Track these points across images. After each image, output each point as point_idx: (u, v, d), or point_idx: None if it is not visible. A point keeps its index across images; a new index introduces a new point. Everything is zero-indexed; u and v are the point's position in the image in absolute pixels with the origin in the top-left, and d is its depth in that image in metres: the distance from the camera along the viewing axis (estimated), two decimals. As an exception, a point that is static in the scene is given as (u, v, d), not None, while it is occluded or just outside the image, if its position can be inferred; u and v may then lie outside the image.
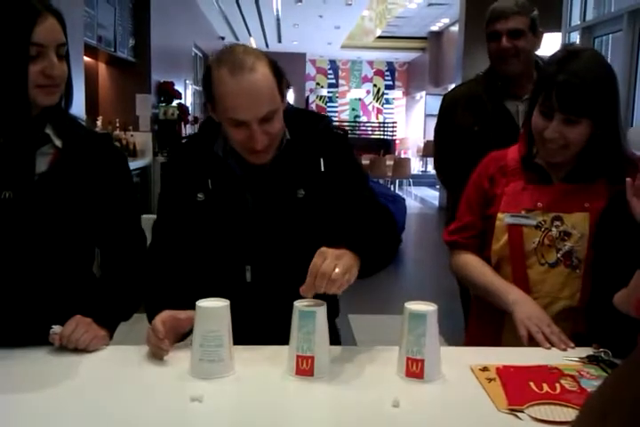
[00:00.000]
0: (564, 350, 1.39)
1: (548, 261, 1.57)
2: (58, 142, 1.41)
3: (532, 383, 1.17)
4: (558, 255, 1.56)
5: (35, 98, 1.32)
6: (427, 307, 1.24)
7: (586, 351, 1.36)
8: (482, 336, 1.68)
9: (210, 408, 1.09)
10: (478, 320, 1.74)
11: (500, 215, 1.60)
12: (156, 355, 1.28)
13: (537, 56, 2.38)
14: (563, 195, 1.57)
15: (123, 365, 1.29)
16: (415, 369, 1.20)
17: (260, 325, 1.31)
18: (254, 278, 1.46)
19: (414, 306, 1.24)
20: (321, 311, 1.22)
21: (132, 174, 1.59)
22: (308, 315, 1.21)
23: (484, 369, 1.25)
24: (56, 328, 1.32)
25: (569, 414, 1.06)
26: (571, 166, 1.58)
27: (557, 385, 1.16)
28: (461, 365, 1.29)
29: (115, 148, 1.56)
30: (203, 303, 1.22)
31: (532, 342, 1.43)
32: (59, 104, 1.41)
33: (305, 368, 1.21)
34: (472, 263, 1.66)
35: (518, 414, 1.06)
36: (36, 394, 1.14)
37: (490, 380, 1.20)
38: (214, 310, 1.21)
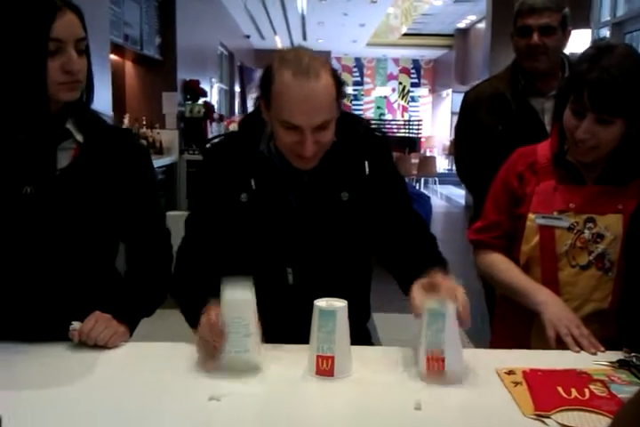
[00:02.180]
0: (594, 353, 1.34)
1: (580, 263, 1.52)
2: (79, 137, 1.40)
3: (559, 388, 1.13)
4: (590, 258, 1.52)
5: (56, 95, 1.31)
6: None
7: (616, 356, 1.31)
8: (508, 338, 1.64)
9: (228, 408, 1.07)
10: (504, 321, 1.70)
11: (530, 216, 1.56)
12: (210, 355, 1.21)
13: (563, 54, 2.31)
14: (595, 196, 1.53)
15: (141, 362, 1.28)
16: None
17: (301, 327, 1.28)
18: (296, 281, 1.43)
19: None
20: (341, 311, 1.19)
21: (154, 170, 1.57)
22: (329, 314, 1.18)
23: (510, 373, 1.21)
24: (75, 324, 1.31)
25: (598, 421, 1.02)
26: (603, 166, 1.54)
27: (586, 390, 1.12)
28: (487, 367, 1.25)
29: (137, 142, 1.54)
30: (228, 292, 1.19)
31: (561, 344, 1.39)
32: (80, 99, 1.40)
33: (325, 368, 1.18)
34: (499, 263, 1.62)
35: (545, 420, 1.03)
36: (53, 390, 1.14)
37: (516, 384, 1.16)
38: (240, 299, 1.19)
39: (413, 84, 18.16)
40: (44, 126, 1.34)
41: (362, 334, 1.60)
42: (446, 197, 11.30)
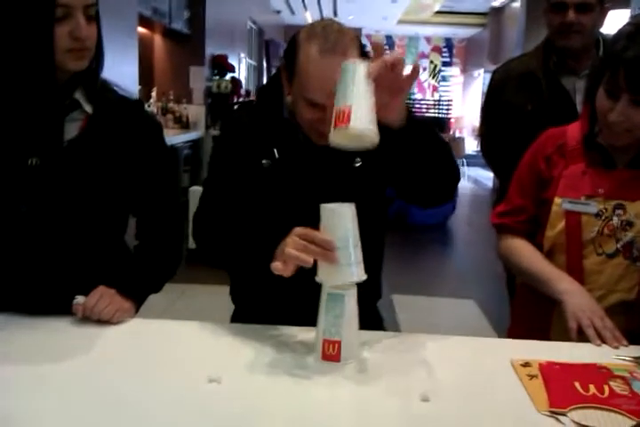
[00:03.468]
0: (617, 347, 1.28)
1: (606, 251, 1.45)
2: (88, 108, 1.36)
3: (577, 384, 1.07)
4: (618, 246, 1.44)
5: (64, 63, 1.27)
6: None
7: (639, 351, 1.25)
8: (526, 327, 1.58)
9: (227, 391, 1.03)
10: (524, 310, 1.64)
11: (557, 200, 1.48)
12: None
13: (600, 33, 2.20)
14: (626, 181, 1.45)
15: (144, 339, 1.24)
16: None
17: (311, 306, 1.23)
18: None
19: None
20: (350, 294, 1.14)
21: (165, 142, 1.53)
22: (337, 298, 1.13)
23: (526, 365, 1.15)
24: (80, 298, 1.29)
25: (617, 421, 0.96)
26: (636, 150, 1.45)
27: (606, 387, 1.06)
28: (501, 358, 1.20)
29: (147, 114, 1.50)
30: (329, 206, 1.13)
31: (581, 335, 1.32)
32: (89, 68, 1.35)
33: (331, 353, 1.14)
34: (522, 249, 1.55)
35: (560, 417, 0.97)
36: (51, 366, 1.11)
37: (531, 377, 1.10)
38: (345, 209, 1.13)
39: (445, 64, 17.83)
40: (51, 96, 1.30)
41: (372, 315, 1.56)
42: (474, 180, 11.15)
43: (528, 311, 1.61)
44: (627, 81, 1.31)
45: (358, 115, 1.04)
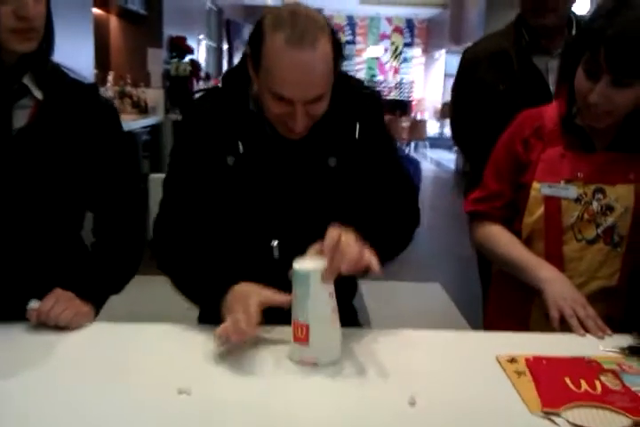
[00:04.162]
0: (601, 337, 1.24)
1: (586, 237, 1.41)
2: (38, 94, 1.26)
3: (567, 380, 1.02)
4: (598, 231, 1.40)
5: (8, 44, 1.16)
6: (313, 265, 1.07)
7: (624, 340, 1.22)
8: (504, 318, 1.54)
9: (199, 403, 0.95)
10: (501, 299, 1.59)
11: (535, 185, 1.43)
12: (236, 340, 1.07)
13: (572, 11, 2.15)
14: (606, 165, 1.40)
15: (106, 346, 1.15)
16: (300, 335, 1.07)
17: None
18: (282, 255, 1.30)
19: (302, 263, 1.08)
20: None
21: (123, 130, 1.43)
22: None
23: (512, 361, 1.10)
24: (34, 303, 1.19)
25: (612, 420, 0.91)
26: (615, 132, 1.41)
27: (597, 383, 1.01)
28: (486, 353, 1.14)
29: (103, 99, 1.39)
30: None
31: (564, 325, 1.28)
32: (39, 51, 1.24)
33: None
34: (499, 236, 1.50)
35: (554, 418, 0.92)
36: (4, 378, 1.01)
37: (519, 374, 1.05)
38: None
39: (406, 45, 17.75)
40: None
41: (348, 312, 1.49)
42: (436, 162, 11.17)
43: (506, 301, 1.56)
44: (607, 61, 1.26)
45: (316, 336, 1.06)
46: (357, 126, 1.31)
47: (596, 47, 1.26)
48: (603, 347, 1.19)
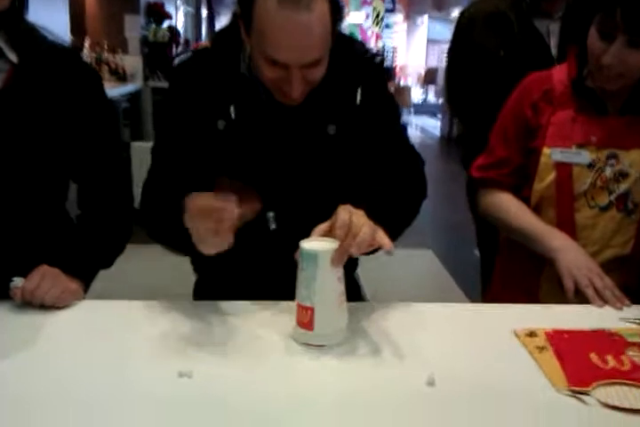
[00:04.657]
0: (620, 308, 1.19)
1: (599, 204, 1.35)
2: (12, 56, 1.16)
3: (593, 355, 0.96)
4: (611, 198, 1.34)
5: None
6: (326, 244, 0.99)
7: (642, 310, 1.16)
8: (512, 288, 1.48)
9: (200, 387, 0.88)
10: (508, 269, 1.53)
11: (545, 150, 1.36)
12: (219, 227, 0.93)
13: None
14: (619, 128, 1.34)
15: (97, 326, 1.07)
16: (304, 319, 1.00)
17: (285, 280, 1.08)
18: (278, 226, 1.23)
19: (311, 243, 1.00)
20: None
21: (107, 96, 1.32)
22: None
23: (532, 335, 1.04)
24: (17, 281, 1.10)
25: (645, 398, 0.86)
26: (628, 95, 1.34)
27: (624, 358, 0.96)
28: (500, 328, 1.09)
29: (84, 64, 1.28)
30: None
31: (579, 296, 1.23)
32: (11, 9, 1.14)
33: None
34: (508, 203, 1.44)
35: (583, 396, 0.86)
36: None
37: (540, 349, 0.99)
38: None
39: (388, 11, 17.44)
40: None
41: (350, 285, 1.43)
42: (421, 128, 11.09)
43: (513, 270, 1.51)
44: (624, 21, 1.19)
45: (322, 320, 0.99)
46: (359, 92, 1.23)
47: (612, 8, 1.20)
48: (622, 318, 1.14)
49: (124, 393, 0.86)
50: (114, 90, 5.33)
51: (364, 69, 1.25)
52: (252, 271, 1.28)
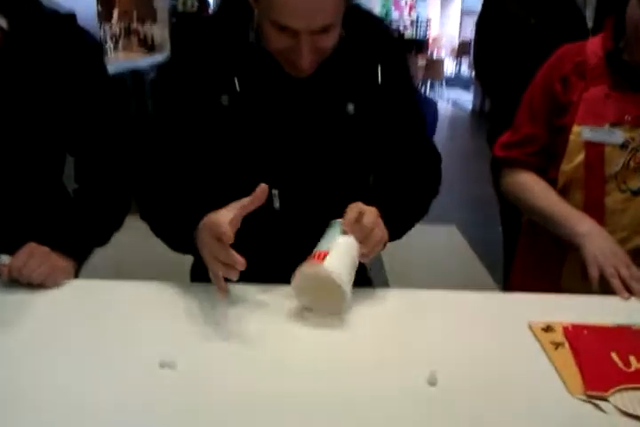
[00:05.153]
0: (648, 302, 1.10)
1: (631, 187, 1.25)
2: (2, 22, 1.10)
3: (614, 355, 0.88)
4: (644, 181, 1.24)
5: None
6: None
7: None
8: (533, 273, 1.40)
9: (182, 377, 0.82)
10: (530, 253, 1.45)
11: (575, 129, 1.26)
12: (226, 273, 0.93)
13: None
14: None
15: (83, 308, 1.02)
16: (317, 259, 0.96)
17: (286, 263, 1.01)
18: (283, 206, 1.15)
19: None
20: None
21: (106, 66, 1.25)
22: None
23: (548, 329, 0.96)
24: (4, 258, 1.05)
25: (671, 406, 0.78)
26: None
27: (649, 360, 0.87)
28: (515, 320, 1.00)
29: (82, 31, 1.20)
30: None
31: (602, 286, 1.14)
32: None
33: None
34: (532, 183, 1.35)
35: (600, 402, 0.78)
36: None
37: (556, 345, 0.91)
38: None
39: (423, -20, 16.99)
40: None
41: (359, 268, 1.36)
42: (453, 102, 10.86)
43: (535, 255, 1.42)
44: None
45: (334, 259, 0.97)
46: (379, 70, 1.14)
47: None
48: (650, 313, 1.05)
49: (99, 382, 0.81)
50: (142, 60, 5.28)
51: (383, 45, 1.16)
52: (254, 253, 1.21)
